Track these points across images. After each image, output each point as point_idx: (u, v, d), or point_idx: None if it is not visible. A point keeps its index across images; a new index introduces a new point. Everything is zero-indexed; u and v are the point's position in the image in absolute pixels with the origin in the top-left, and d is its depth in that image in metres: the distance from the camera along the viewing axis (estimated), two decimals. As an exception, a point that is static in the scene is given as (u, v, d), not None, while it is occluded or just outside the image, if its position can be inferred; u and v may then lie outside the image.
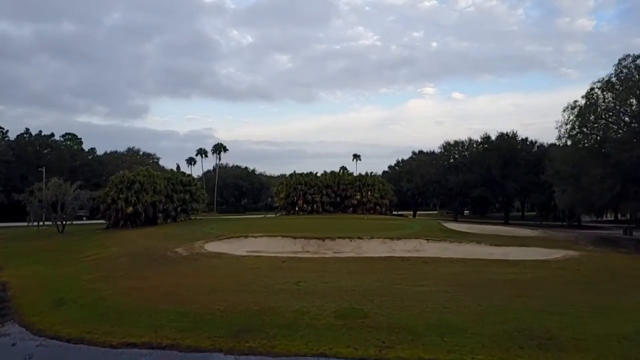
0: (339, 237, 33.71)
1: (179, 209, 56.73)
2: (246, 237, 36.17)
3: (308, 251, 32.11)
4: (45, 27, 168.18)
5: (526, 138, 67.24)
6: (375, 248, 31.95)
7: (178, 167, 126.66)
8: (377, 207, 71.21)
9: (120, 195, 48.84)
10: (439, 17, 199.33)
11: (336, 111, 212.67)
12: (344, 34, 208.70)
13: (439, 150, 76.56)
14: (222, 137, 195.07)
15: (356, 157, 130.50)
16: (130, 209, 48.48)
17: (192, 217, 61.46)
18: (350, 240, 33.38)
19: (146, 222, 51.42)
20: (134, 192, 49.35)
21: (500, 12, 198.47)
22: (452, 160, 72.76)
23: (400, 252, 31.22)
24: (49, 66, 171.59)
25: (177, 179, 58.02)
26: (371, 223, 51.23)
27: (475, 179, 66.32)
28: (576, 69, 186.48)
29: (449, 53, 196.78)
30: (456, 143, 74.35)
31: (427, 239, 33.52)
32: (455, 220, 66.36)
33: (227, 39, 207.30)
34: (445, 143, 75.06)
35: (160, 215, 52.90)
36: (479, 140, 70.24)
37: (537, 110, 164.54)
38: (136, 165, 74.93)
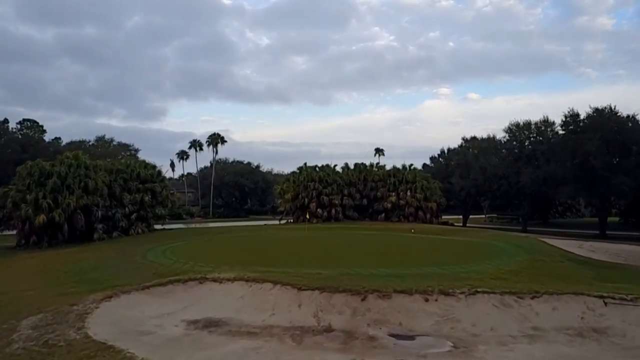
0: (397, 291, 15.58)
1: (133, 216, 38.95)
2: (202, 281, 18.34)
3: (330, 327, 14.14)
4: (67, 30, 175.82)
5: (633, 116, 47.84)
6: (494, 322, 13.85)
7: (172, 164, 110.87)
8: (420, 213, 52.73)
9: (27, 197, 31.24)
10: (455, 16, 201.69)
11: (351, 112, 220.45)
12: (360, 35, 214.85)
13: (503, 136, 57.63)
14: (237, 138, 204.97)
15: (378, 151, 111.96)
16: (42, 217, 30.92)
17: (161, 227, 43.80)
18: (426, 299, 15.17)
19: (74, 237, 33.91)
20: (50, 191, 31.70)
21: (518, 11, 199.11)
22: (523, 148, 53.70)
23: (555, 332, 13.21)
24: (70, 69, 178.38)
25: (132, 172, 40.23)
26: (427, 242, 32.79)
27: (564, 174, 47.26)
28: (595, 68, 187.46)
29: (466, 53, 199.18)
30: (526, 125, 55.35)
31: (601, 299, 15.02)
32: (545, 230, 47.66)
33: (245, 40, 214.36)
34: (512, 125, 56.16)
35: (99, 227, 35.17)
36: (565, 119, 51.04)
37: (553, 111, 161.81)
38: (110, 159, 58.38)
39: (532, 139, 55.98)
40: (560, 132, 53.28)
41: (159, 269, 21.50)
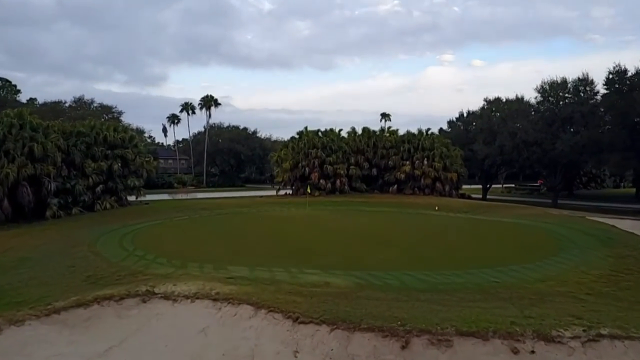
0: (461, 332, 9.00)
1: (99, 188, 32.63)
2: (147, 298, 11.89)
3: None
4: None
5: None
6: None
7: (164, 129, 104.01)
8: (437, 185, 46.29)
9: (-47, 165, 24.85)
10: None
11: (354, 78, 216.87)
12: (364, 0, 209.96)
13: (535, 97, 50.31)
14: (238, 105, 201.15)
15: (385, 116, 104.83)
16: (-27, 191, 24.52)
17: (140, 200, 37.62)
18: (514, 350, 8.62)
19: (21, 215, 27.73)
20: (-17, 159, 25.25)
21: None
22: (558, 110, 46.59)
23: None
24: (70, 34, 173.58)
25: (97, 135, 33.65)
26: (461, 225, 26.57)
27: (611, 140, 40.51)
28: (602, 34, 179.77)
29: (471, 18, 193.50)
30: (562, 83, 48.08)
31: None
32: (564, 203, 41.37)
33: (246, 5, 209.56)
34: (545, 83, 48.84)
35: (53, 202, 28.89)
36: (609, 76, 43.74)
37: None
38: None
39: (567, 100, 48.81)
40: (603, 91, 46.08)
41: (98, 271, 15.29)
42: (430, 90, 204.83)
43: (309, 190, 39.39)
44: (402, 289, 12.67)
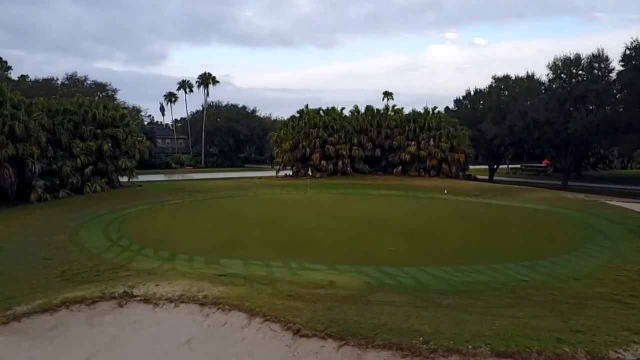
0: (498, 354, 7.25)
1: (88, 170, 30.91)
2: (124, 302, 10.36)
3: None
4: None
5: None
6: None
7: (162, 108, 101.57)
8: (444, 166, 44.50)
9: None
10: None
11: (355, 57, 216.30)
12: None
13: (547, 74, 47.95)
14: (239, 84, 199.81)
15: (387, 95, 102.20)
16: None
17: (133, 182, 35.96)
18: None
19: (2, 199, 26.29)
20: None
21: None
22: (572, 89, 44.36)
23: None
24: (69, 11, 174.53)
25: (86, 113, 31.78)
26: (475, 210, 24.93)
27: (629, 120, 38.52)
28: (607, 12, 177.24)
29: None
30: (576, 60, 45.71)
31: None
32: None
33: None
34: (558, 60, 46.47)
35: (39, 184, 27.21)
36: (626, 52, 41.43)
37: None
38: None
39: (580, 78, 46.51)
40: (619, 68, 43.82)
41: (75, 265, 13.69)
42: (432, 69, 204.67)
43: (310, 173, 37.65)
44: (419, 290, 11.05)
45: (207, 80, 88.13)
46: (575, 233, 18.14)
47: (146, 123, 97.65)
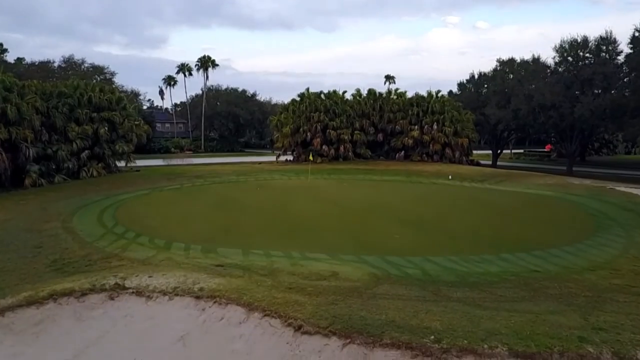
0: (515, 353, 6.62)
1: (84, 154, 30.26)
2: (115, 294, 9.76)
3: None
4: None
5: None
6: None
7: (161, 92, 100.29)
8: (447, 151, 43.76)
9: None
10: None
11: (356, 41, 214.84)
12: None
13: (553, 57, 46.82)
14: (239, 67, 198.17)
15: (389, 79, 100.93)
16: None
17: (131, 167, 35.34)
18: None
19: (-3, 184, 25.58)
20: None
21: None
22: (578, 72, 43.30)
23: None
24: None
25: (81, 96, 30.98)
26: (480, 196, 24.34)
27: (635, 103, 37.64)
28: None
29: None
30: (583, 42, 44.54)
31: None
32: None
33: None
34: (564, 42, 45.30)
35: (33, 169, 26.57)
36: (635, 34, 40.30)
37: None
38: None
39: (587, 61, 45.42)
40: (627, 51, 42.76)
41: (67, 254, 13.14)
42: (433, 53, 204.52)
43: (311, 158, 36.95)
44: (426, 282, 10.47)
45: (206, 63, 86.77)
46: (585, 220, 17.55)
47: (145, 107, 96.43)
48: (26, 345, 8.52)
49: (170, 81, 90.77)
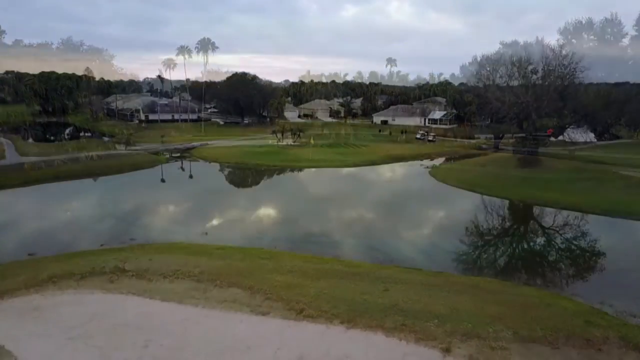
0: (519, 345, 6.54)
1: (83, 137, 29.98)
2: (114, 278, 9.45)
3: None
4: None
5: None
6: None
7: (160, 77, 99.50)
8: (449, 134, 43.40)
9: None
10: None
11: (359, 20, 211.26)
12: None
13: (557, 40, 46.14)
14: (238, 50, 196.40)
15: (390, 62, 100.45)
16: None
17: (130, 149, 34.93)
18: None
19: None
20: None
21: None
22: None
23: None
24: None
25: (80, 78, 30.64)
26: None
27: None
28: None
29: None
30: (585, 25, 43.73)
31: None
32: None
33: None
34: (569, 25, 44.39)
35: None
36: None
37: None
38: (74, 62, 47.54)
39: (591, 43, 44.73)
40: (633, 33, 42.04)
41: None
42: (433, 35, 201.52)
43: (312, 141, 36.65)
44: (430, 265, 10.38)
45: (206, 45, 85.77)
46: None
47: (145, 90, 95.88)
48: (21, 329, 8.44)
49: (169, 64, 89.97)
